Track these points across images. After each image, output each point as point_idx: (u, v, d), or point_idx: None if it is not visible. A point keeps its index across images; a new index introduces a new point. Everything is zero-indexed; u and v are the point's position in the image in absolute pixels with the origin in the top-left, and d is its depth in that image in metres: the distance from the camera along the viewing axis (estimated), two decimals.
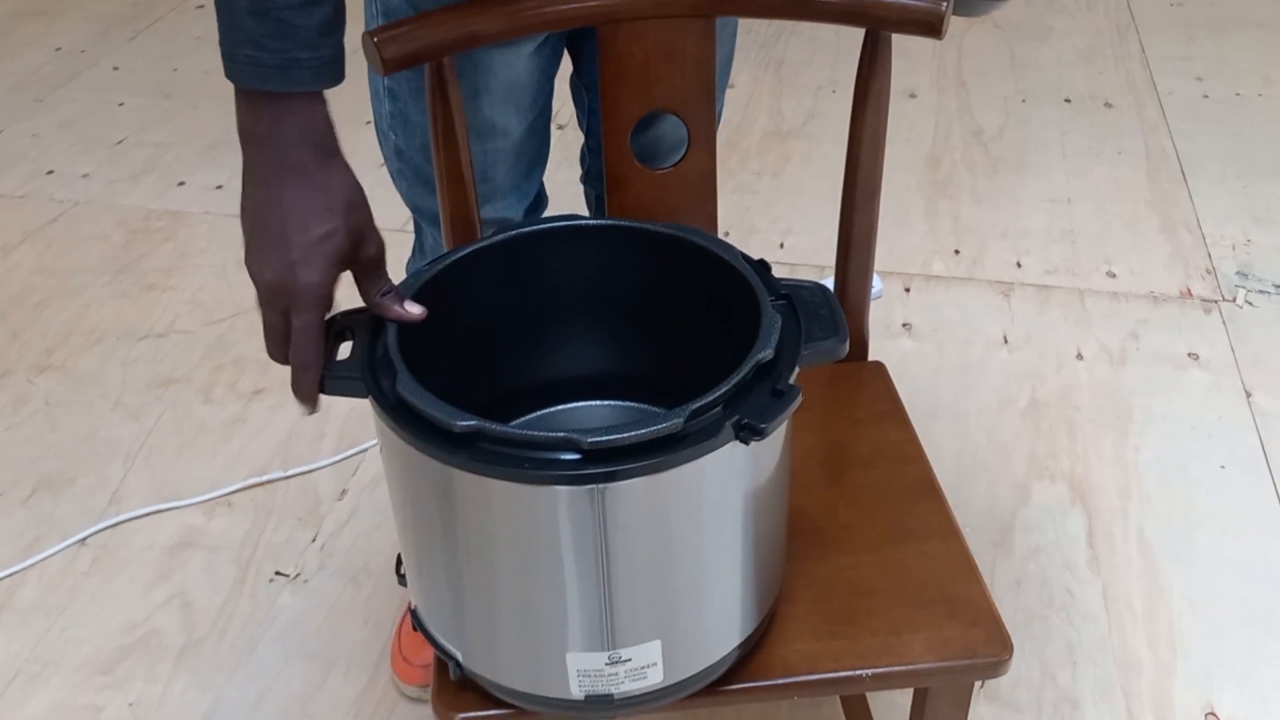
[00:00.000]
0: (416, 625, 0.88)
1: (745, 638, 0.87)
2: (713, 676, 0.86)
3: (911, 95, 2.71)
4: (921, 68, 2.83)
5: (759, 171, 2.44)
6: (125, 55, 3.02)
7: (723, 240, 0.90)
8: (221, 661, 1.46)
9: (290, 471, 1.72)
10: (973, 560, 0.98)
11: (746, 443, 0.74)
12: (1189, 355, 1.91)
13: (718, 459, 0.75)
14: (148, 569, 1.58)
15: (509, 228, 0.91)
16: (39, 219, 2.34)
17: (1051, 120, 2.61)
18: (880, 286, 2.07)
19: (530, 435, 0.72)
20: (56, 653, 1.47)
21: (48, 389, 1.90)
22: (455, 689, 0.88)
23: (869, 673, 0.89)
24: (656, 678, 0.82)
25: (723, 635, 0.85)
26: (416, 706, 1.39)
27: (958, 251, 2.18)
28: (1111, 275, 2.10)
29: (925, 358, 1.92)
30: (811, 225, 2.25)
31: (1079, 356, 1.91)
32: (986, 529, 1.61)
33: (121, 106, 2.77)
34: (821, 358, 0.81)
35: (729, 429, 0.74)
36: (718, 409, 0.74)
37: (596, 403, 1.02)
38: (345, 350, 0.83)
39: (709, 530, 0.79)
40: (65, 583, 1.57)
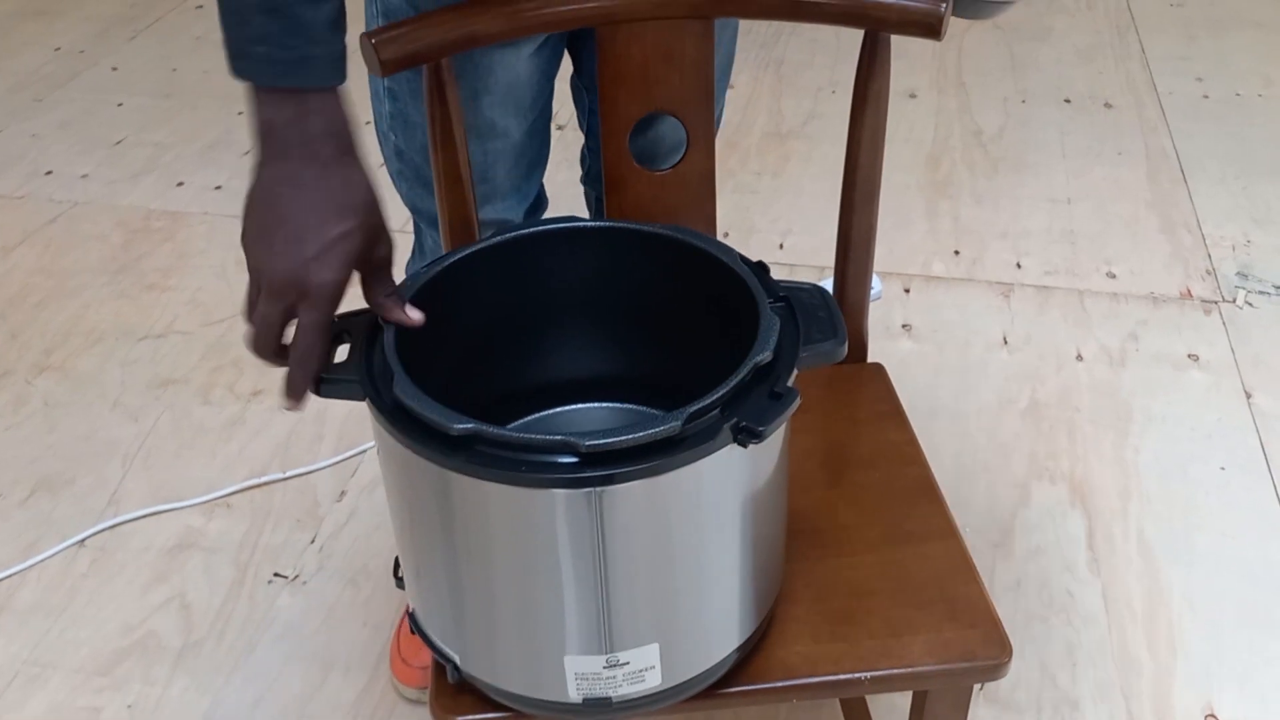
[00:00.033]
0: (414, 628, 0.88)
1: (744, 640, 0.87)
2: (711, 679, 0.86)
3: (911, 95, 2.71)
4: (921, 68, 2.83)
5: (759, 172, 2.44)
6: (125, 55, 3.02)
7: (721, 242, 0.90)
8: (220, 663, 1.46)
9: (289, 473, 1.72)
10: (972, 562, 0.97)
11: (744, 445, 0.74)
12: (1189, 356, 1.91)
13: (715, 462, 0.74)
14: (146, 570, 1.58)
15: (508, 229, 0.91)
16: (38, 219, 2.34)
17: (1051, 120, 2.60)
18: (880, 287, 2.07)
19: (528, 438, 0.72)
20: (55, 654, 1.47)
21: (46, 390, 1.90)
22: (453, 692, 0.88)
23: (868, 675, 0.89)
24: (655, 681, 0.82)
25: (721, 638, 0.85)
26: (415, 708, 1.39)
27: (957, 252, 2.17)
28: (1111, 276, 2.10)
29: (925, 358, 1.92)
30: (811, 226, 2.25)
31: (1079, 357, 1.91)
32: (986, 530, 1.60)
33: (121, 107, 2.77)
34: (820, 360, 0.81)
35: (727, 432, 0.73)
36: (715, 412, 0.74)
37: (595, 405, 1.01)
38: (342, 353, 0.83)
39: (707, 533, 0.79)
40: (64, 584, 1.57)
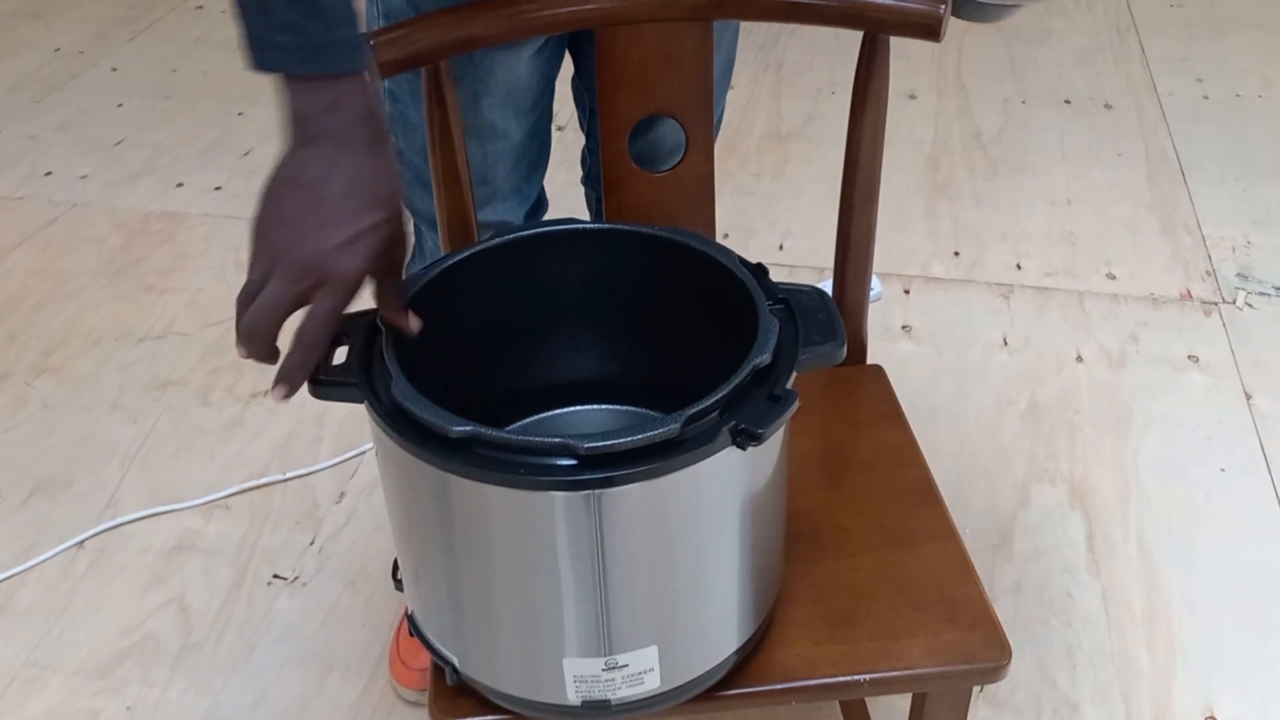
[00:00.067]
0: (413, 630, 0.88)
1: (743, 643, 0.87)
2: (710, 682, 0.86)
3: (911, 97, 2.71)
4: (921, 69, 2.83)
5: (758, 173, 2.44)
6: (124, 56, 3.02)
7: (720, 244, 0.89)
8: (219, 665, 1.45)
9: (288, 474, 1.72)
10: (971, 564, 0.97)
11: (743, 448, 0.74)
12: (1189, 357, 1.91)
13: (714, 464, 0.74)
14: (145, 572, 1.58)
15: (506, 231, 0.91)
16: (37, 221, 2.34)
17: (1051, 122, 2.60)
18: (879, 288, 2.06)
19: (526, 440, 0.72)
20: (54, 656, 1.47)
21: (45, 391, 1.90)
22: (452, 694, 0.88)
23: (867, 678, 0.89)
24: (653, 683, 0.82)
25: (720, 640, 0.85)
26: (414, 710, 1.39)
27: (957, 253, 2.17)
28: (1111, 277, 2.10)
29: (925, 360, 1.92)
30: (811, 227, 2.25)
31: (1079, 359, 1.91)
32: (986, 532, 1.60)
33: (120, 108, 2.76)
34: (819, 362, 0.80)
35: (725, 434, 0.73)
36: (714, 414, 0.74)
37: (594, 407, 1.01)
38: (340, 355, 0.83)
39: (706, 535, 0.79)
40: (62, 586, 1.56)
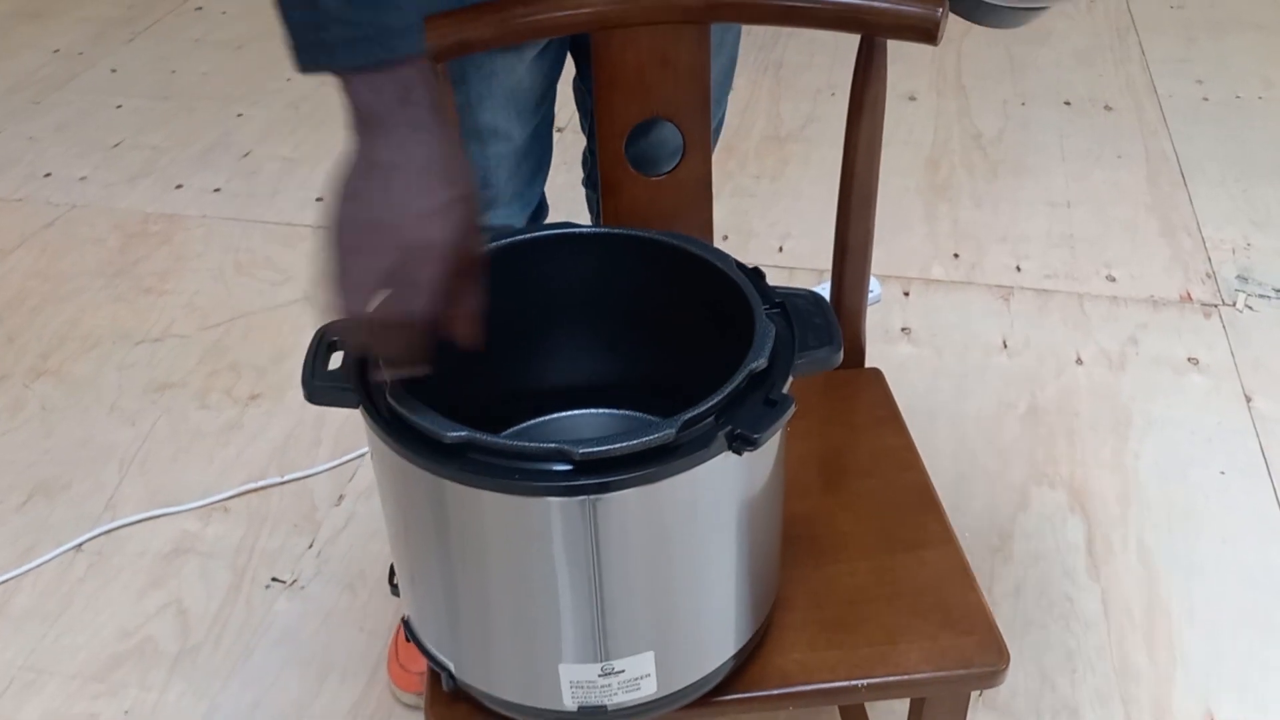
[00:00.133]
0: (409, 636, 0.88)
1: (740, 648, 0.86)
2: (707, 687, 0.85)
3: (911, 98, 2.71)
4: (921, 71, 2.83)
5: (757, 175, 2.43)
6: (123, 57, 3.02)
7: (717, 248, 0.89)
8: (217, 668, 1.45)
9: (286, 477, 1.72)
10: (969, 568, 0.97)
11: (739, 453, 0.74)
12: (1189, 360, 1.90)
13: (710, 469, 0.74)
14: (143, 575, 1.58)
15: (503, 235, 0.91)
16: (35, 222, 2.34)
17: (1051, 123, 2.60)
18: (879, 290, 2.06)
19: (521, 446, 0.72)
20: (51, 660, 1.47)
21: (43, 394, 1.90)
22: (448, 700, 0.88)
23: (865, 683, 0.89)
24: (650, 689, 0.82)
25: (717, 645, 0.85)
26: (412, 714, 1.39)
27: (957, 255, 2.17)
28: (1111, 279, 2.09)
29: (924, 362, 1.91)
30: (810, 229, 2.25)
31: (1078, 361, 1.91)
32: (985, 535, 1.60)
33: (119, 109, 2.76)
34: (815, 367, 0.80)
35: (721, 439, 0.73)
36: (710, 419, 0.74)
37: (590, 411, 1.01)
38: (336, 360, 0.82)
39: (702, 541, 0.78)
40: (60, 589, 1.56)
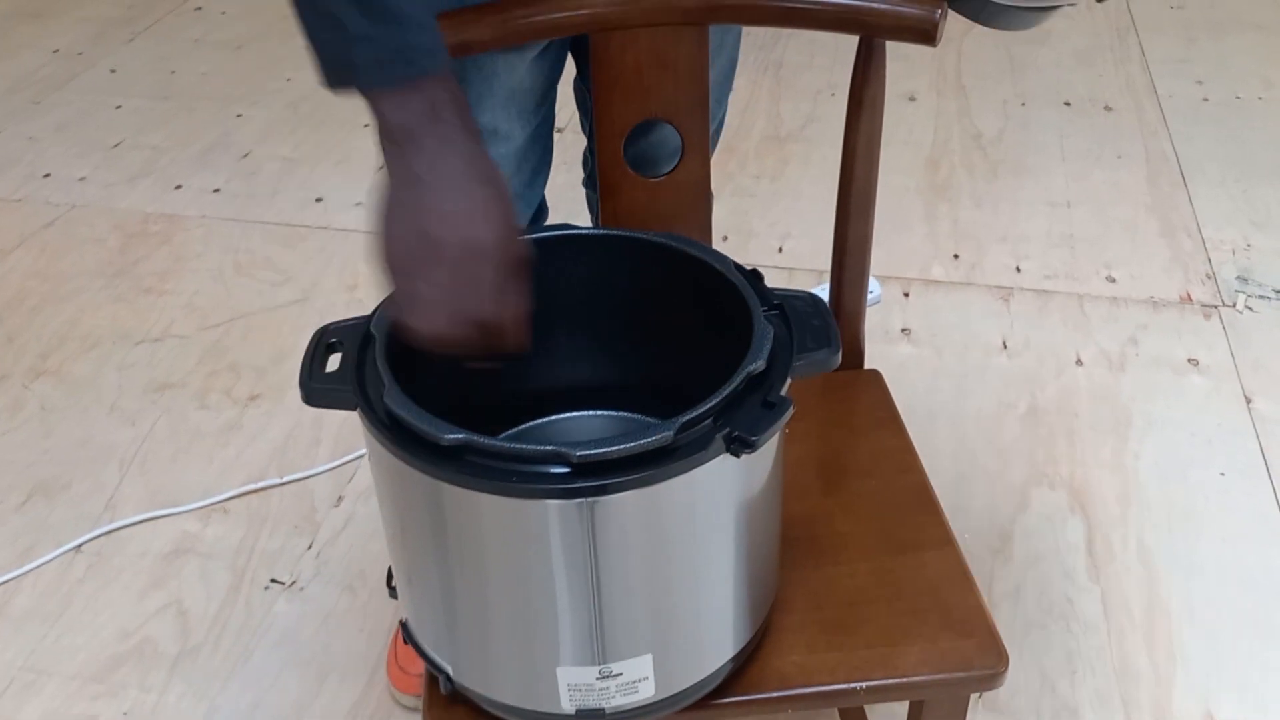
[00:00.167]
0: (407, 638, 0.88)
1: (738, 650, 0.86)
2: (705, 690, 0.85)
3: (911, 98, 2.71)
4: (920, 71, 2.82)
5: (757, 175, 2.43)
6: (122, 57, 3.02)
7: (715, 250, 0.89)
8: (216, 670, 1.45)
9: (286, 478, 1.72)
10: (968, 570, 0.97)
11: (737, 455, 0.74)
12: (1189, 361, 1.90)
13: (708, 472, 0.74)
14: (143, 576, 1.58)
15: None
16: (35, 222, 2.34)
17: (1051, 124, 2.60)
18: (879, 291, 2.06)
19: (519, 449, 0.71)
20: (51, 661, 1.47)
21: (43, 394, 1.90)
22: (446, 703, 0.88)
23: (863, 686, 0.89)
24: (648, 692, 0.82)
25: (716, 648, 0.85)
26: (412, 716, 1.39)
27: (957, 256, 2.17)
28: (1111, 280, 2.09)
29: (924, 363, 1.91)
30: (810, 229, 2.25)
31: (1078, 362, 1.90)
32: (985, 536, 1.60)
33: (119, 109, 2.76)
34: (814, 369, 0.80)
35: (719, 441, 0.73)
36: (708, 421, 0.74)
37: (589, 413, 1.01)
38: (333, 362, 0.82)
39: (701, 543, 0.78)
40: (60, 590, 1.56)
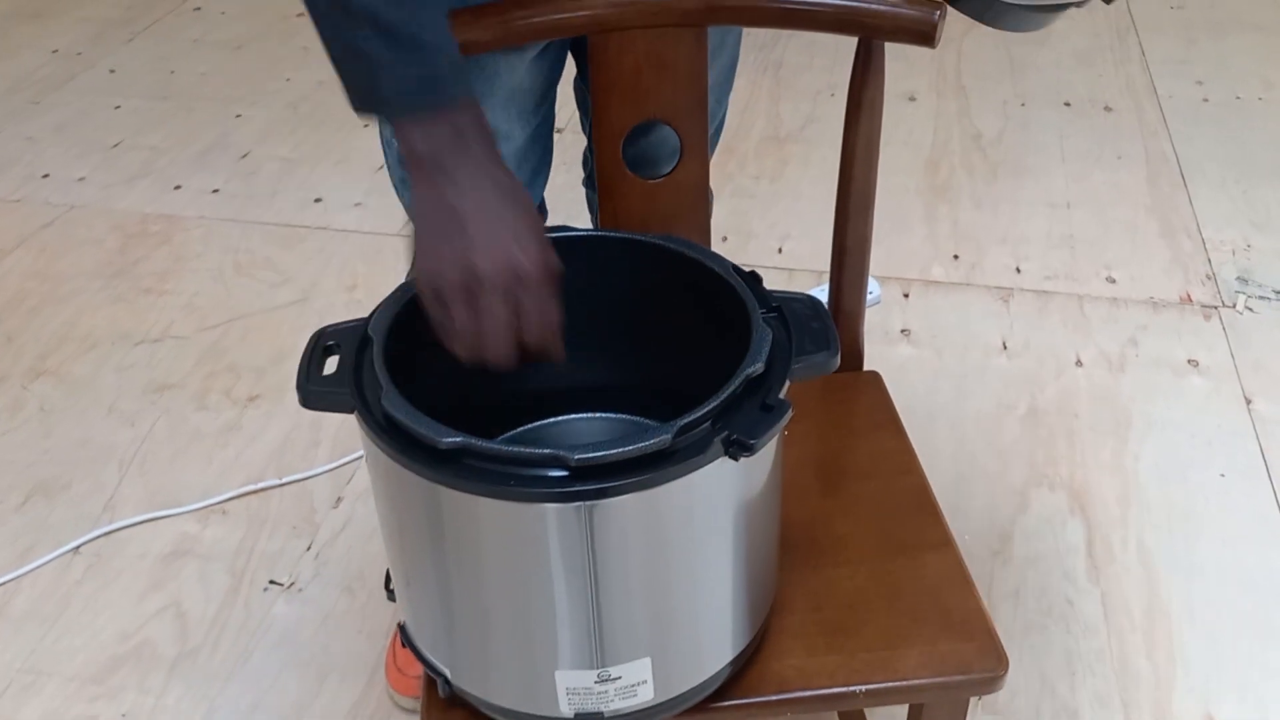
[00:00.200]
0: (405, 641, 0.88)
1: (737, 654, 0.86)
2: (704, 693, 0.85)
3: (910, 99, 2.70)
4: (920, 71, 2.82)
5: (757, 176, 2.43)
6: (122, 58, 3.01)
7: (713, 252, 0.89)
8: (215, 671, 1.45)
9: (285, 479, 1.72)
10: (968, 573, 0.97)
11: (736, 458, 0.73)
12: (1189, 362, 1.90)
13: (707, 475, 0.74)
14: (141, 577, 1.57)
15: None
16: (34, 223, 2.34)
17: (1051, 124, 2.60)
18: (878, 292, 2.06)
19: (517, 452, 0.71)
20: (50, 662, 1.47)
21: (42, 395, 1.89)
22: (444, 706, 0.87)
23: (863, 689, 0.89)
24: (647, 695, 0.81)
25: (714, 651, 0.84)
26: (411, 717, 1.39)
27: (956, 256, 2.17)
28: (1111, 281, 2.09)
29: (924, 364, 1.91)
30: (810, 230, 2.24)
31: (1078, 363, 1.90)
32: (985, 537, 1.60)
33: (118, 109, 2.76)
34: (812, 372, 0.80)
35: (718, 445, 0.73)
36: (707, 424, 0.73)
37: (588, 415, 1.01)
38: (331, 364, 0.82)
39: (699, 546, 0.78)
40: (58, 591, 1.56)
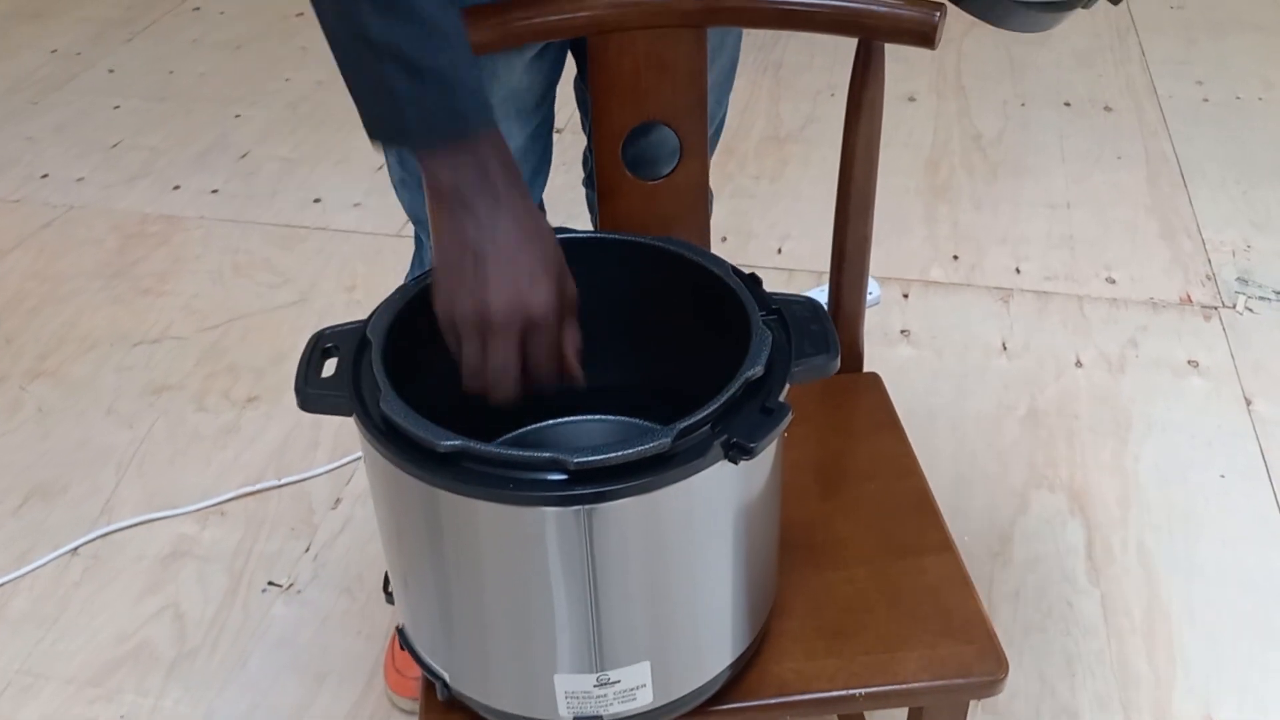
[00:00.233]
0: (404, 644, 0.87)
1: (737, 657, 0.86)
2: (704, 697, 0.85)
3: (910, 99, 2.70)
4: (920, 72, 2.82)
5: (757, 176, 2.43)
6: (121, 58, 3.01)
7: (713, 254, 0.89)
8: (213, 673, 1.45)
9: (284, 480, 1.71)
10: (968, 576, 0.96)
11: (735, 462, 0.73)
12: (1189, 362, 1.90)
13: (706, 478, 0.74)
14: (139, 579, 1.57)
15: None
16: (33, 223, 2.33)
17: (1051, 124, 2.59)
18: (878, 292, 2.06)
19: (516, 455, 0.71)
20: (48, 664, 1.46)
21: (40, 396, 1.89)
22: (443, 709, 0.87)
23: (862, 692, 0.88)
24: (646, 699, 0.81)
25: (714, 655, 0.84)
26: (409, 719, 1.38)
27: (956, 257, 2.16)
28: (1111, 281, 2.09)
29: (923, 364, 1.91)
30: (810, 230, 2.24)
31: (1078, 364, 1.90)
32: (985, 538, 1.59)
33: (117, 109, 2.76)
34: (812, 374, 0.80)
35: (718, 448, 0.72)
36: (706, 428, 0.73)
37: (587, 418, 1.00)
38: (330, 367, 0.82)
39: (699, 550, 0.78)
40: (56, 593, 1.56)
